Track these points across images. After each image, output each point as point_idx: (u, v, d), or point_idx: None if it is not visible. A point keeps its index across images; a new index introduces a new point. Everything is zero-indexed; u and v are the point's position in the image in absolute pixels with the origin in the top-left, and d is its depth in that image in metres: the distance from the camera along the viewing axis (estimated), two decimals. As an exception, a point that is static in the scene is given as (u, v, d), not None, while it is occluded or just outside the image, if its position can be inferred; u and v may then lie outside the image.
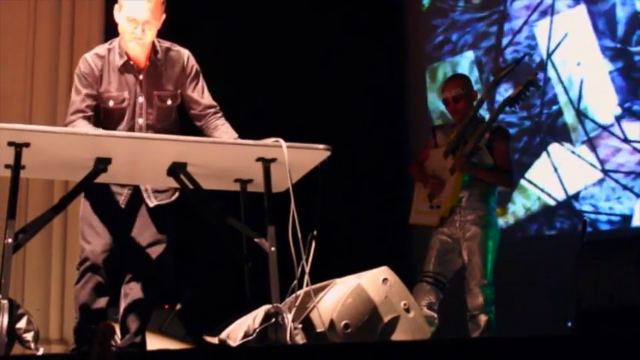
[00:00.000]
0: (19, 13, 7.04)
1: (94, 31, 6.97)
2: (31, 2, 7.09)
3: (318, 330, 4.00)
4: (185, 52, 4.45)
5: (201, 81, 4.46)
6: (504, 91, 6.71)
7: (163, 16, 4.32)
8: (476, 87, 5.86)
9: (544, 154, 7.12)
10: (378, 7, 7.81)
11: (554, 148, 7.10)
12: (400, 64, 7.95)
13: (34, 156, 3.80)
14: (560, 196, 7.04)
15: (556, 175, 7.08)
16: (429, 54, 7.87)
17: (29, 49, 7.02)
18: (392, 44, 7.91)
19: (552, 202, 7.07)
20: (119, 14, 4.28)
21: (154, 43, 4.33)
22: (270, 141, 4.00)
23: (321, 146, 4.08)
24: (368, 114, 7.57)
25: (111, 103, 4.29)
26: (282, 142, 3.97)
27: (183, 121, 4.50)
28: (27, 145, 3.74)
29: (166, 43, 4.42)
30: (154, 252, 4.29)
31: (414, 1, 8.02)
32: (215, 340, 4.02)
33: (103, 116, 4.31)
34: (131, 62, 4.31)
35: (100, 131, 4.03)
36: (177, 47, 4.45)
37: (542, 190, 7.15)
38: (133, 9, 4.21)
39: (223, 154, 4.05)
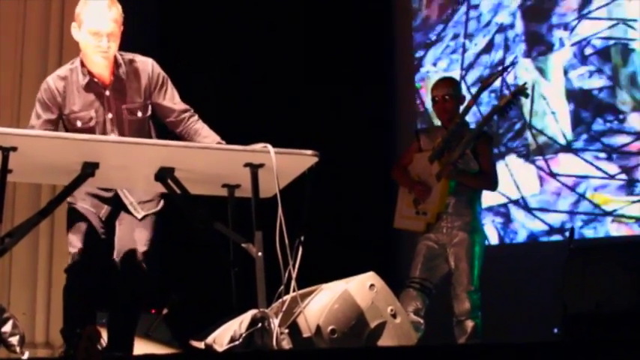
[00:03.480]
0: (8, 15, 7.04)
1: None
2: (20, 4, 7.08)
3: (305, 335, 4.01)
4: (149, 62, 4.37)
5: (170, 87, 4.40)
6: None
7: (121, 28, 4.26)
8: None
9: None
10: (367, 11, 7.82)
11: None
12: (389, 69, 7.95)
13: (22, 160, 3.79)
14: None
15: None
16: (418, 58, 7.89)
17: (18, 52, 7.01)
18: (382, 49, 7.92)
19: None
20: (79, 31, 4.21)
21: (115, 56, 4.26)
22: (258, 146, 4.00)
23: (309, 152, 4.08)
24: (356, 119, 7.59)
25: (79, 124, 4.24)
26: (270, 147, 3.97)
27: (164, 126, 4.48)
28: (14, 149, 3.73)
29: (129, 55, 4.34)
30: (140, 256, 4.27)
31: (403, 5, 8.03)
32: (201, 345, 4.02)
33: None
34: (95, 80, 4.25)
35: (89, 136, 4.02)
36: (140, 57, 4.38)
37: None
38: (96, 22, 4.15)
39: (211, 160, 4.05)
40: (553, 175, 7.14)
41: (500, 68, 5.69)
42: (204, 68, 7.31)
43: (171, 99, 4.39)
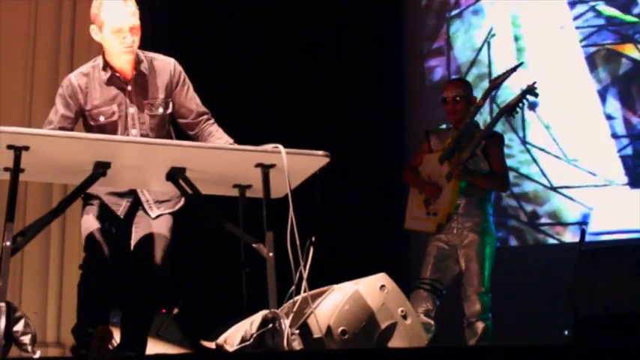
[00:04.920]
0: (19, 15, 7.05)
1: (94, 34, 6.96)
2: (31, 4, 7.09)
3: (315, 336, 4.01)
4: (171, 61, 4.38)
5: (191, 88, 4.41)
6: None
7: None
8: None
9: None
10: (376, 13, 7.81)
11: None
12: (399, 70, 7.95)
13: (34, 159, 3.80)
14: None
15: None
16: (427, 60, 7.88)
17: (29, 52, 7.03)
18: (391, 49, 7.91)
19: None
20: (100, 33, 4.20)
21: (137, 52, 4.26)
22: (269, 147, 4.00)
23: (320, 152, 4.08)
24: (366, 120, 7.58)
25: (102, 119, 4.25)
26: (281, 148, 3.97)
27: (179, 126, 4.49)
28: (26, 148, 3.74)
29: (150, 54, 4.36)
30: (156, 258, 4.27)
31: (413, 6, 8.03)
32: (212, 345, 4.02)
33: (97, 132, 4.22)
34: (117, 74, 4.25)
35: (100, 135, 4.02)
36: (161, 57, 4.39)
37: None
38: (117, 19, 4.15)
39: (222, 160, 4.06)
40: (554, 188, 7.17)
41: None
42: (215, 69, 7.31)
43: (192, 99, 4.40)
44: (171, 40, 7.00)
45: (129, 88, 4.28)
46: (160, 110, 4.33)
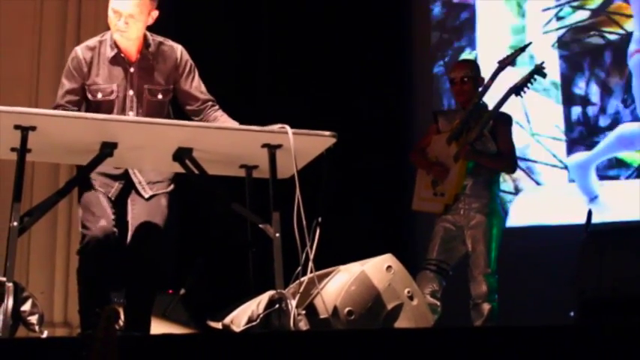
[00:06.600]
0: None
1: (101, 14, 6.94)
2: (38, -13, 7.09)
3: (322, 316, 4.01)
4: (178, 47, 4.41)
5: (197, 76, 4.43)
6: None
7: (155, 13, 4.27)
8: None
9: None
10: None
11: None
12: (406, 49, 7.93)
13: (40, 139, 3.81)
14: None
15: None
16: (435, 41, 7.86)
17: (36, 32, 7.02)
18: (398, 28, 7.89)
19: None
20: (109, 6, 4.25)
21: (145, 36, 4.29)
22: (276, 127, 4.01)
23: (327, 133, 4.08)
24: (373, 101, 7.57)
25: (99, 95, 4.26)
26: (288, 128, 3.97)
27: (180, 114, 4.48)
28: (33, 128, 3.75)
29: (159, 38, 4.38)
30: (155, 236, 4.27)
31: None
32: (219, 326, 4.04)
33: (93, 108, 4.26)
34: (122, 55, 4.27)
35: (107, 116, 4.03)
36: (170, 42, 4.41)
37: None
38: (118, 1, 4.19)
39: (229, 140, 4.06)
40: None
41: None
42: (222, 49, 7.30)
43: (198, 87, 4.42)
44: (175, 18, 6.98)
45: (132, 70, 4.29)
46: (160, 97, 4.34)
